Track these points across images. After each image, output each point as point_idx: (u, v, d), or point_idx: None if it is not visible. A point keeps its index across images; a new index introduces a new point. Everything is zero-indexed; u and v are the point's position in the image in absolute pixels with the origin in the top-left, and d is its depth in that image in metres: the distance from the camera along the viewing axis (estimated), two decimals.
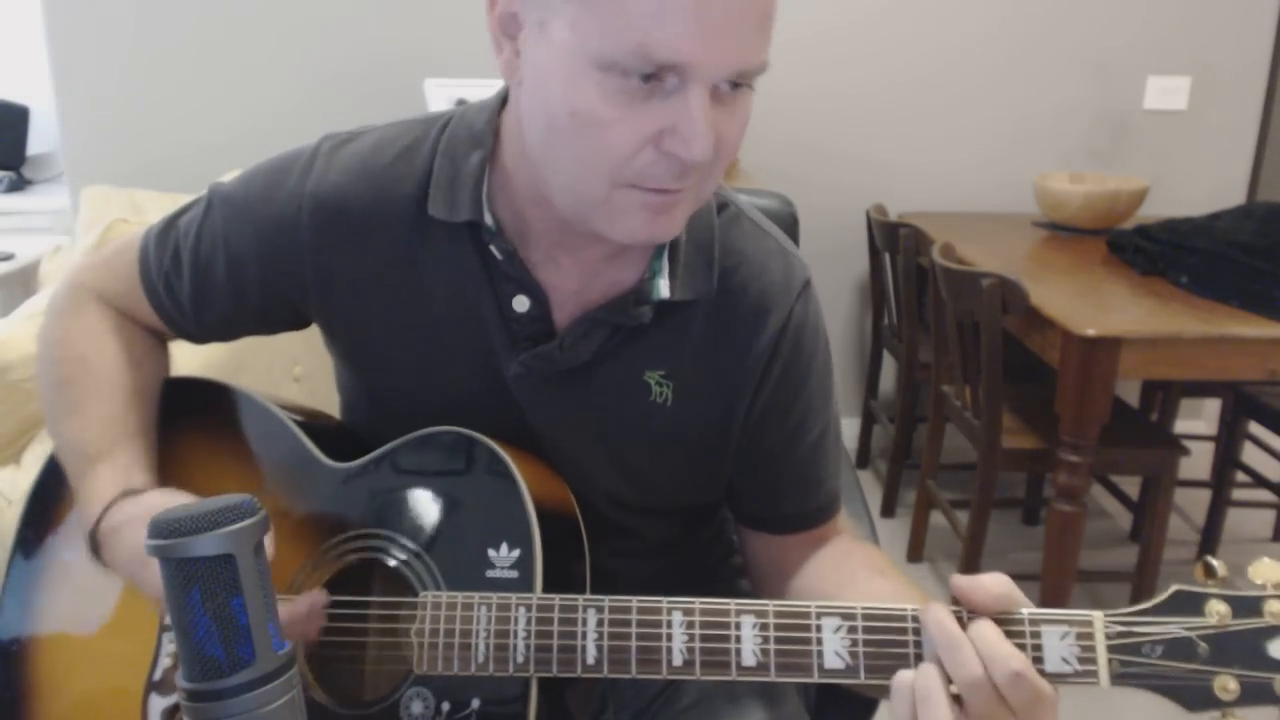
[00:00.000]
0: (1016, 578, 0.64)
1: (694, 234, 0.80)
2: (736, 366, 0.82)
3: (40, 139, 3.39)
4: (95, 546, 0.79)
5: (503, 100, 0.79)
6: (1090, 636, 0.63)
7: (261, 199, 0.82)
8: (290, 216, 0.80)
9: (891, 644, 0.66)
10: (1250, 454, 2.63)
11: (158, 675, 0.81)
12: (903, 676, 0.63)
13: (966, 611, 0.64)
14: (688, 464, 0.85)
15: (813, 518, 0.89)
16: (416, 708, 0.73)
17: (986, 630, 0.62)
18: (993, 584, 0.63)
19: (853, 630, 0.66)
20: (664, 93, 0.63)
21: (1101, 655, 0.63)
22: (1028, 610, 0.64)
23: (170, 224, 0.87)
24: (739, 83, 0.65)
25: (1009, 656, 0.60)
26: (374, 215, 0.79)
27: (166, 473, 0.85)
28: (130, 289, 0.87)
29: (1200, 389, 2.94)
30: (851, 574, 0.83)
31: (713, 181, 0.72)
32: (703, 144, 0.63)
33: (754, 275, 0.82)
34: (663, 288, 0.79)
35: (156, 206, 2.52)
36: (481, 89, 2.57)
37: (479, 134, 0.78)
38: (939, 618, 0.63)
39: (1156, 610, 0.63)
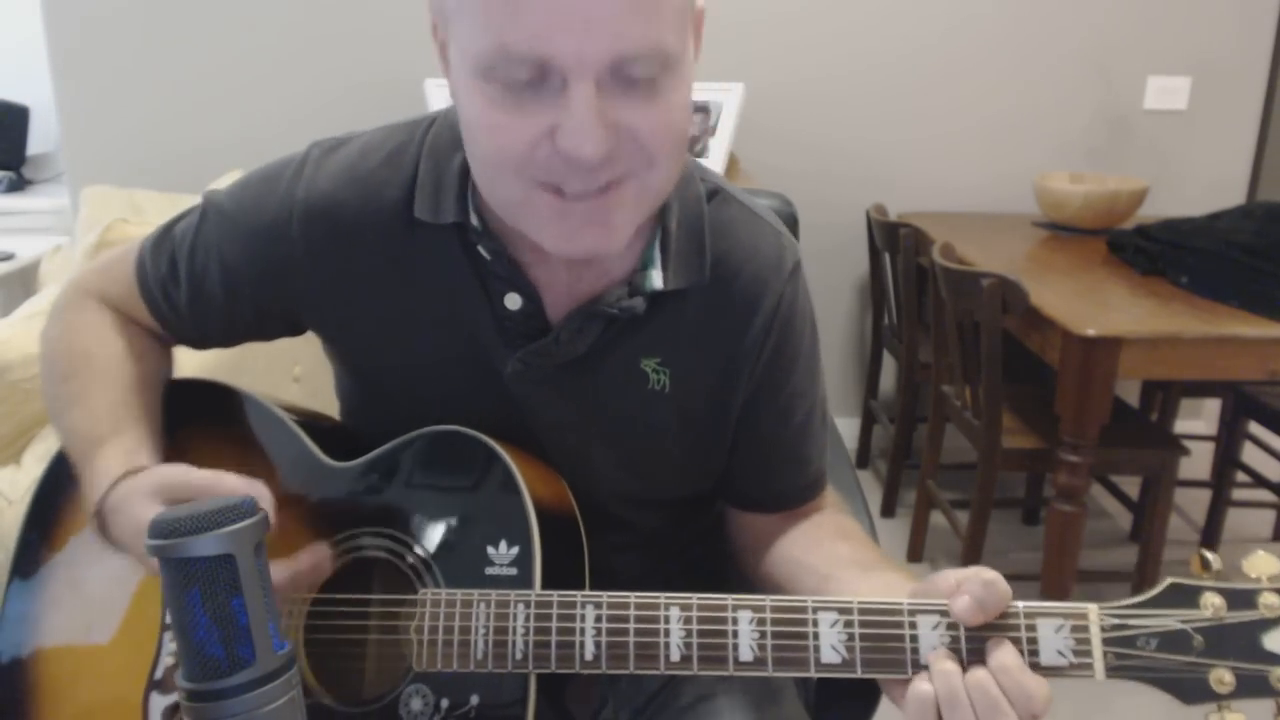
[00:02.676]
0: (1016, 578, 0.64)
1: (684, 223, 0.81)
2: (731, 349, 0.83)
3: (40, 139, 3.39)
4: (101, 525, 0.79)
5: None
6: (1085, 629, 0.63)
7: (253, 208, 0.82)
8: (282, 224, 0.80)
9: (888, 638, 0.66)
10: (1250, 454, 2.63)
11: (159, 674, 0.82)
12: (922, 690, 0.63)
13: (966, 632, 0.64)
14: (686, 450, 0.86)
15: (799, 496, 0.90)
16: (416, 705, 0.73)
17: (1009, 662, 0.61)
18: (985, 595, 0.63)
19: (849, 625, 0.66)
20: (550, 90, 0.62)
21: (1097, 648, 0.63)
22: (1023, 604, 0.64)
23: (166, 232, 0.87)
24: (631, 73, 0.62)
25: (1033, 695, 0.60)
26: (363, 220, 0.79)
27: (158, 452, 0.84)
28: (129, 295, 0.88)
29: (1200, 389, 2.94)
30: (818, 541, 0.85)
31: (656, 182, 0.69)
32: (591, 140, 0.62)
33: (746, 259, 0.82)
34: (656, 279, 0.79)
35: (157, 207, 2.51)
36: None
37: (461, 135, 0.78)
38: (944, 668, 0.63)
39: (1151, 603, 0.63)
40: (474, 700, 0.73)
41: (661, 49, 0.62)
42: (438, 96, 2.45)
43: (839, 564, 0.79)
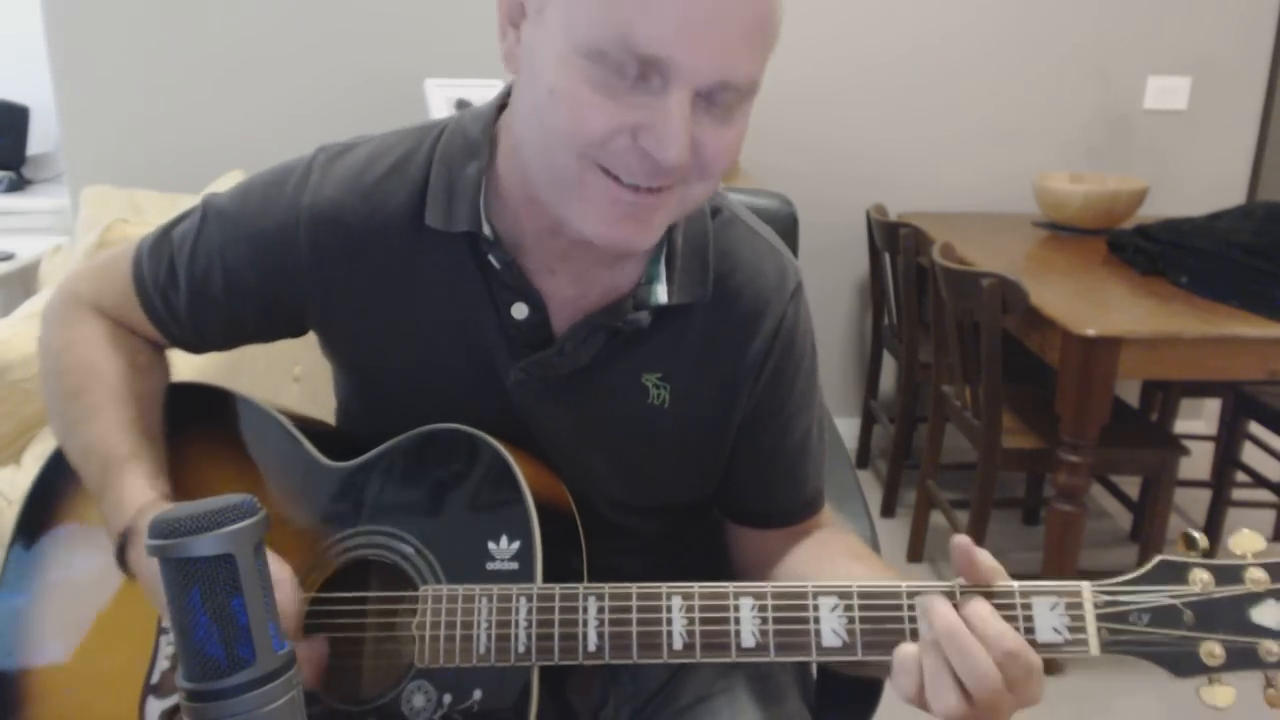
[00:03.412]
0: (1016, 578, 0.65)
1: (689, 239, 0.81)
2: (732, 368, 0.83)
3: (40, 139, 3.39)
4: (123, 548, 0.79)
5: (498, 109, 0.80)
6: (1079, 606, 0.65)
7: (258, 214, 0.82)
8: (288, 231, 0.80)
9: (887, 620, 0.67)
10: (1250, 454, 2.63)
11: (155, 678, 0.81)
12: (905, 650, 0.64)
13: (960, 590, 0.65)
14: (683, 464, 0.86)
15: (797, 513, 0.91)
16: (418, 701, 0.74)
17: (982, 610, 0.63)
18: (985, 555, 0.65)
19: (849, 609, 0.68)
20: (647, 90, 0.64)
21: (1091, 624, 0.65)
22: (1018, 583, 0.65)
23: (164, 236, 0.86)
24: (722, 96, 0.65)
25: (1002, 634, 0.62)
26: (370, 228, 0.79)
27: (168, 476, 0.85)
28: (125, 300, 0.87)
29: (1200, 389, 2.94)
30: (830, 559, 0.86)
31: (698, 193, 0.71)
32: (676, 146, 0.64)
33: (748, 279, 0.83)
34: (660, 293, 0.80)
35: (157, 207, 2.52)
36: (481, 89, 2.56)
37: (475, 143, 0.78)
38: (939, 609, 0.64)
39: (1142, 579, 0.65)
40: (476, 695, 0.73)
41: (754, 82, 0.66)
42: (438, 97, 2.45)
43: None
